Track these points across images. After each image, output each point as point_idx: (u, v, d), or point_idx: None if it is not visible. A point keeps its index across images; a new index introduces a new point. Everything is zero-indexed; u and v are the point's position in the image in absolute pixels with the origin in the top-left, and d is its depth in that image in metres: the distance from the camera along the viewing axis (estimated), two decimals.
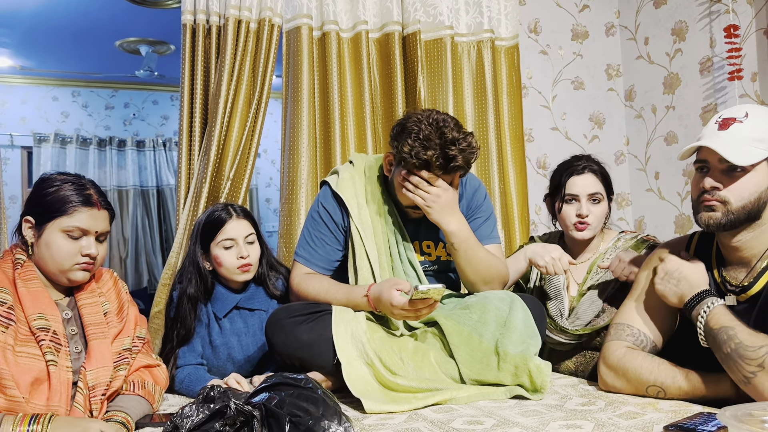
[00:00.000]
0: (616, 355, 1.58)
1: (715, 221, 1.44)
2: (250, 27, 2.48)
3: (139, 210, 5.97)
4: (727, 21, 2.71)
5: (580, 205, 2.02)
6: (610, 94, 3.32)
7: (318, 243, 1.95)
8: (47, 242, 1.46)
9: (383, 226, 1.92)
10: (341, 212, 1.94)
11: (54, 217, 1.46)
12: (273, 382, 1.26)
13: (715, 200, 1.44)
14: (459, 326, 1.74)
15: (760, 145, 1.41)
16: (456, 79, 2.78)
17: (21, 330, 1.38)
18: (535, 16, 3.19)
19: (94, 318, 1.52)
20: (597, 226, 2.04)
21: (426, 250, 1.97)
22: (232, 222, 1.96)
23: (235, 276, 1.96)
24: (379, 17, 2.74)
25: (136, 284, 5.81)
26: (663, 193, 3.11)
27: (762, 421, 0.98)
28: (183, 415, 1.16)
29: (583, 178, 2.04)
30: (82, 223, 1.48)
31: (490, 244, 1.95)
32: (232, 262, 1.94)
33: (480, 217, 1.97)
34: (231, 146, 2.41)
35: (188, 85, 2.44)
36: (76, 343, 1.47)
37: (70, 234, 1.47)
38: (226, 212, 1.98)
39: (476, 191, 2.00)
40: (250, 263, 1.96)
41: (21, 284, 1.43)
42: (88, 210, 1.49)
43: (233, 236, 1.95)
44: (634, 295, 1.68)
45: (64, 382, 1.38)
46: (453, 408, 1.55)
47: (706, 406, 1.42)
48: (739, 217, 1.43)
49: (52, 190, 1.48)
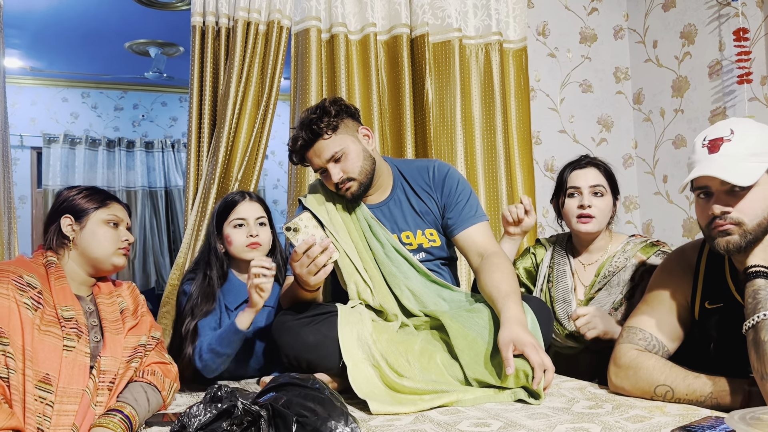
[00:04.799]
0: (628, 356, 1.58)
1: (735, 245, 1.41)
2: (259, 29, 2.49)
3: (148, 211, 6.00)
4: (737, 24, 2.70)
5: (582, 198, 2.00)
6: (618, 97, 3.31)
7: None
8: (93, 231, 1.66)
9: (356, 224, 1.96)
10: None
11: (93, 210, 1.68)
12: (280, 383, 1.26)
13: (729, 224, 1.41)
14: (464, 330, 1.73)
15: (756, 159, 1.39)
16: (464, 82, 2.78)
17: (48, 312, 1.49)
18: (543, 18, 3.19)
19: (111, 315, 1.64)
20: (601, 221, 2.01)
21: (406, 241, 1.98)
22: (245, 203, 2.06)
23: (244, 254, 2.01)
24: (387, 19, 2.74)
25: (144, 285, 5.83)
26: (671, 196, 3.10)
27: None
28: (190, 415, 1.17)
29: (584, 171, 2.04)
30: (119, 212, 1.72)
31: (476, 223, 1.94)
32: (241, 240, 2.02)
33: (461, 201, 1.96)
34: (239, 148, 2.42)
35: (197, 87, 2.46)
36: (96, 333, 1.58)
37: (110, 223, 1.69)
38: (239, 195, 2.09)
39: (447, 176, 1.99)
40: (259, 242, 2.02)
41: (53, 280, 1.57)
42: (118, 204, 1.74)
43: (244, 216, 2.03)
44: (647, 300, 1.67)
45: (81, 365, 1.47)
46: (459, 410, 1.55)
47: (715, 411, 1.41)
48: (757, 235, 1.40)
49: (85, 191, 1.71)
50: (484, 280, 1.81)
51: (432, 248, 1.99)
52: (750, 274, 1.40)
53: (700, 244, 1.65)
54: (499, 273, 1.79)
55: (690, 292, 1.61)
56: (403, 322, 1.87)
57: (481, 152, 2.80)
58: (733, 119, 1.48)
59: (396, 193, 2.01)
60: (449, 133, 2.74)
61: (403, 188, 2.01)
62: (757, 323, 1.34)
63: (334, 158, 1.86)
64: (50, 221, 1.69)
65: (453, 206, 1.96)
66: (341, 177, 1.87)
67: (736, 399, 1.41)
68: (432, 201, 1.99)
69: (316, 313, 1.80)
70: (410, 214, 1.99)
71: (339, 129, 1.88)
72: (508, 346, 1.57)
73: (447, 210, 1.97)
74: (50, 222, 1.69)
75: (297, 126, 1.91)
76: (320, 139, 1.86)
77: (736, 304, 1.49)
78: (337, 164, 1.87)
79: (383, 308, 1.88)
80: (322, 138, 1.86)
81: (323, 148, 1.87)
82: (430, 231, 1.99)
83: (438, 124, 2.74)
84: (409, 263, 1.92)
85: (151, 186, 6.07)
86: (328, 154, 1.86)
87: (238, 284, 2.05)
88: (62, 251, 1.65)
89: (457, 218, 1.95)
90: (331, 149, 1.86)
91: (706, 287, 1.59)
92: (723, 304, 1.54)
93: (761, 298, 1.35)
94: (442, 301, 1.90)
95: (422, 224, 1.99)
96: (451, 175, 2.00)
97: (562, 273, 2.09)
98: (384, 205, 2.00)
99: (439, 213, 1.99)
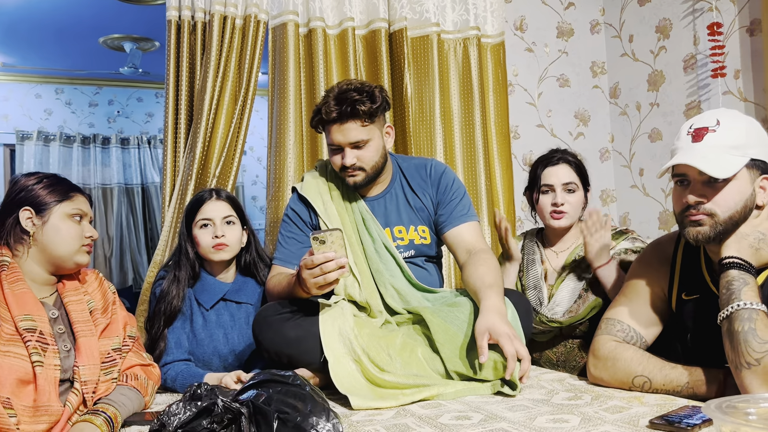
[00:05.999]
0: (606, 347, 1.60)
1: (704, 235, 1.43)
2: (236, 23, 2.46)
3: (124, 208, 5.93)
4: (711, 19, 2.73)
5: (555, 195, 2.07)
6: (595, 92, 3.34)
7: (290, 242, 1.99)
8: (56, 227, 1.52)
9: (350, 216, 1.96)
10: (308, 212, 2.00)
11: (56, 203, 1.54)
12: (261, 379, 1.25)
13: (701, 214, 1.42)
14: (445, 324, 1.74)
15: (737, 152, 1.41)
16: (442, 77, 2.79)
17: (6, 329, 1.38)
18: (520, 13, 3.20)
19: (80, 315, 1.53)
20: (573, 215, 2.09)
21: (398, 235, 1.99)
22: (210, 203, 2.01)
23: (211, 255, 1.98)
24: (365, 14, 2.73)
25: (121, 283, 5.76)
26: (647, 189, 3.13)
27: (746, 414, 0.99)
28: (170, 413, 1.16)
29: (557, 168, 2.09)
30: (83, 206, 1.58)
31: (467, 222, 1.97)
32: (207, 241, 1.98)
33: (454, 199, 1.99)
34: (217, 143, 2.40)
35: (173, 82, 2.43)
36: (64, 341, 1.47)
37: (75, 217, 1.55)
38: (207, 193, 2.04)
39: (442, 175, 2.02)
40: (225, 243, 1.98)
41: (6, 286, 1.44)
42: (82, 196, 1.60)
43: (210, 216, 1.99)
44: (625, 291, 1.69)
45: (51, 381, 1.38)
46: (440, 403, 1.56)
47: (692, 400, 1.43)
48: (727, 227, 1.42)
49: (46, 181, 1.56)
50: (468, 273, 1.83)
51: (422, 245, 2.00)
52: (724, 265, 1.42)
53: (677, 236, 1.67)
54: (484, 266, 1.81)
55: (667, 283, 1.63)
56: (387, 320, 1.87)
57: (460, 147, 2.81)
58: (722, 110, 1.50)
59: (393, 187, 2.03)
60: (428, 127, 2.74)
61: (401, 183, 2.04)
62: (731, 314, 1.36)
63: (357, 144, 1.87)
64: (6, 213, 1.52)
65: (446, 204, 1.99)
66: (354, 163, 1.88)
67: (711, 388, 1.43)
68: (427, 197, 2.01)
69: (297, 308, 1.79)
70: (405, 209, 2.00)
71: (375, 120, 1.89)
72: (484, 335, 1.58)
73: (440, 207, 2.00)
74: (6, 214, 1.52)
75: (335, 96, 1.85)
76: (356, 120, 1.85)
77: (711, 295, 1.51)
78: (355, 150, 1.88)
79: (368, 304, 1.87)
80: (357, 120, 1.85)
81: (352, 130, 1.85)
82: (423, 228, 2.00)
83: (417, 119, 2.74)
84: (397, 263, 1.93)
85: (127, 183, 6.00)
86: (355, 138, 1.86)
87: (212, 283, 2.02)
88: (20, 248, 1.51)
89: (449, 215, 1.97)
90: (360, 136, 1.86)
91: (682, 278, 1.61)
92: (699, 295, 1.56)
93: (735, 288, 1.38)
94: (426, 302, 1.91)
95: (416, 220, 2.00)
96: (447, 174, 2.04)
97: (532, 261, 2.14)
98: (380, 198, 2.01)
99: (433, 210, 2.01)
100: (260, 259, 2.09)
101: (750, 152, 1.42)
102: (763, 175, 1.45)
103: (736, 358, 1.33)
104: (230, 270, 2.07)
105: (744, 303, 1.35)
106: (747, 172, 1.42)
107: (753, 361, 1.30)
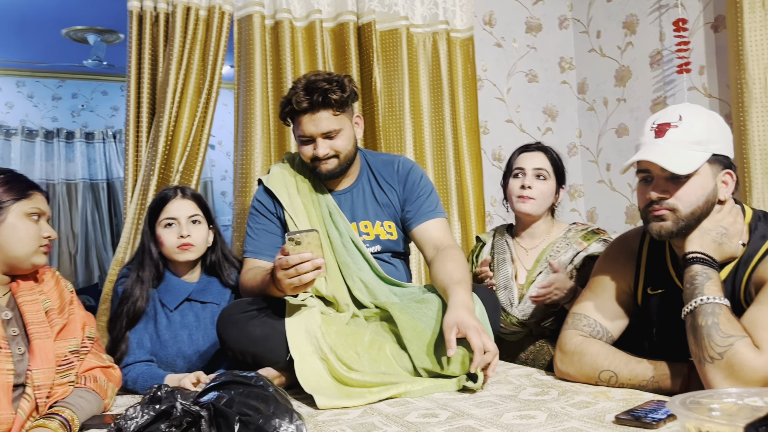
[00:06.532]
0: (573, 342, 1.60)
1: (666, 230, 1.44)
2: (200, 14, 2.41)
3: (89, 204, 5.80)
4: (676, 15, 2.76)
5: (524, 178, 2.05)
6: (563, 87, 3.35)
7: (260, 233, 1.97)
8: (13, 226, 1.46)
9: (316, 209, 1.95)
10: (274, 204, 1.98)
11: (13, 201, 1.48)
12: (222, 381, 1.22)
13: (664, 209, 1.43)
14: (413, 321, 1.73)
15: (699, 147, 1.41)
16: (412, 71, 2.77)
17: None
18: (489, 8, 3.20)
19: (35, 317, 1.47)
20: (541, 203, 2.06)
21: (364, 230, 1.98)
22: (175, 201, 1.95)
23: (176, 255, 1.93)
24: (333, 6, 2.70)
25: (87, 281, 5.64)
26: (614, 184, 3.16)
27: (710, 409, 0.99)
28: (127, 417, 1.12)
29: (532, 154, 2.10)
30: (41, 204, 1.52)
31: (435, 218, 1.97)
32: (171, 241, 1.92)
33: (422, 195, 1.99)
34: (180, 137, 2.34)
35: (135, 75, 2.37)
36: (18, 344, 1.41)
37: (33, 216, 1.49)
38: (171, 192, 1.98)
39: (410, 171, 2.03)
40: (190, 243, 1.92)
41: None
42: (40, 194, 1.54)
43: (174, 215, 1.93)
44: (591, 286, 1.70)
45: (4, 386, 1.33)
46: (408, 401, 1.54)
47: (657, 395, 1.44)
48: (690, 222, 1.43)
49: (2, 178, 1.50)
50: (436, 269, 1.82)
51: (389, 241, 1.99)
52: (688, 260, 1.43)
53: (642, 231, 1.68)
54: (452, 263, 1.81)
55: (632, 278, 1.64)
56: (354, 313, 1.85)
57: (429, 142, 2.79)
58: (685, 105, 1.51)
59: (361, 181, 2.02)
60: (398, 122, 2.72)
61: (368, 178, 2.03)
62: (694, 308, 1.37)
63: (329, 134, 1.86)
64: None
65: (414, 200, 1.98)
66: (327, 153, 1.87)
67: (676, 382, 1.44)
68: (394, 194, 2.00)
69: (263, 305, 1.76)
70: (371, 204, 1.99)
71: (346, 110, 1.90)
72: (452, 328, 1.58)
73: (407, 203, 1.99)
74: None
75: (304, 86, 1.84)
76: (327, 109, 1.84)
77: (676, 289, 1.52)
78: (327, 140, 1.87)
79: (335, 298, 1.85)
80: (329, 109, 1.84)
81: (324, 120, 1.85)
82: (389, 223, 1.99)
83: (386, 113, 2.72)
84: (364, 257, 1.91)
85: (92, 178, 5.87)
86: (327, 128, 1.86)
87: (176, 283, 1.97)
88: None
89: (417, 212, 1.97)
90: (332, 125, 1.86)
91: (648, 273, 1.62)
92: (664, 289, 1.57)
93: (698, 283, 1.38)
94: (393, 296, 1.90)
95: (382, 215, 1.99)
96: (415, 170, 2.03)
97: (502, 261, 2.12)
98: (347, 192, 2.00)
99: (400, 206, 2.00)
100: (225, 259, 2.04)
101: (712, 147, 1.43)
102: (725, 170, 1.46)
103: (700, 353, 1.34)
104: (195, 270, 2.02)
105: (707, 297, 1.36)
106: (709, 168, 1.43)
107: (716, 355, 1.31)
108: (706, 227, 1.45)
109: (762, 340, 1.29)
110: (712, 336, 1.32)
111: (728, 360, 1.29)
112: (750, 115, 2.38)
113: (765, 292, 1.36)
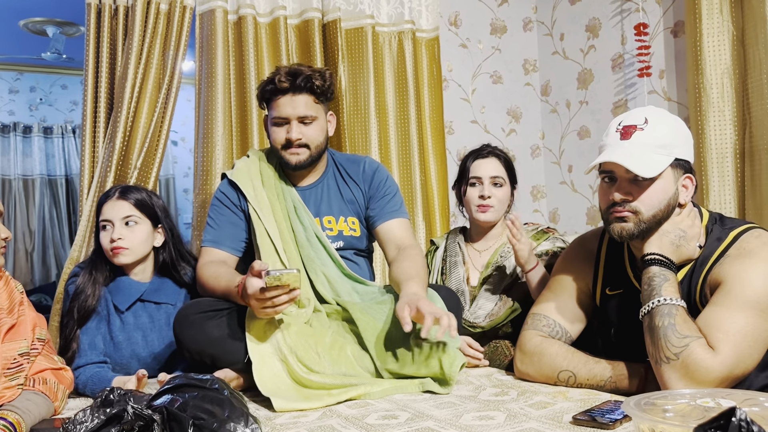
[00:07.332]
0: (532, 342, 1.61)
1: (628, 232, 1.45)
2: (161, 8, 2.36)
3: (47, 200, 5.66)
4: (638, 19, 2.80)
5: (483, 188, 2.07)
6: (527, 89, 3.37)
7: (222, 223, 1.95)
8: None
9: (281, 203, 1.94)
10: (238, 197, 1.96)
11: None
12: (176, 384, 1.19)
13: (626, 211, 1.45)
14: (374, 321, 1.72)
15: (663, 151, 1.43)
16: (377, 70, 2.76)
17: None
18: (455, 9, 3.20)
19: None
20: (499, 210, 2.10)
21: (327, 226, 1.97)
22: (110, 202, 1.90)
23: (111, 258, 1.89)
24: (298, 3, 2.67)
25: (44, 279, 5.51)
26: (576, 185, 3.19)
27: (663, 410, 1.00)
28: (75, 421, 1.08)
29: (486, 161, 2.11)
30: None
31: (398, 218, 1.98)
32: (105, 244, 1.88)
33: (387, 195, 2.00)
34: (139, 133, 2.29)
35: (93, 69, 2.32)
36: None
37: None
38: (111, 192, 1.93)
39: (376, 171, 2.04)
40: (122, 246, 1.86)
41: None
42: None
43: (108, 217, 1.89)
44: (551, 287, 1.71)
45: None
46: (368, 403, 1.53)
47: (615, 395, 1.46)
48: (651, 225, 1.45)
49: None
50: (394, 268, 1.84)
51: (352, 237, 1.99)
52: (646, 261, 1.45)
53: (601, 232, 1.69)
54: (409, 261, 1.82)
55: (591, 278, 1.66)
56: (316, 308, 1.83)
57: (395, 141, 2.79)
58: (650, 108, 1.52)
59: (327, 177, 2.02)
60: (363, 121, 2.71)
61: (334, 175, 2.03)
62: (651, 309, 1.39)
63: (304, 119, 1.87)
64: None
65: (378, 199, 1.99)
66: (299, 139, 1.87)
67: (633, 383, 1.46)
68: (359, 191, 2.01)
69: (220, 307, 1.73)
70: (336, 200, 2.00)
71: (323, 102, 1.94)
72: (403, 307, 1.57)
73: (372, 201, 2.00)
74: None
75: (287, 71, 1.87)
76: (309, 94, 1.87)
77: (634, 290, 1.54)
78: (302, 125, 1.88)
79: None
80: (310, 95, 1.87)
81: (303, 104, 1.87)
82: (353, 219, 2.00)
83: (351, 112, 2.71)
84: (327, 252, 1.91)
85: (50, 174, 5.73)
86: (303, 112, 1.87)
87: (127, 283, 1.92)
88: None
89: (380, 210, 1.98)
90: (309, 111, 1.88)
91: (606, 274, 1.64)
92: (622, 290, 1.59)
93: (656, 285, 1.40)
94: (356, 294, 1.89)
95: (346, 211, 1.99)
96: (381, 171, 2.05)
97: (454, 264, 2.14)
98: (313, 188, 2.00)
99: (364, 204, 2.01)
100: (181, 258, 2.00)
101: (675, 152, 1.45)
102: (685, 174, 1.48)
103: (656, 353, 1.36)
104: (146, 270, 1.96)
105: (664, 299, 1.37)
106: (671, 172, 1.45)
107: (672, 355, 1.33)
108: (666, 229, 1.47)
109: (717, 341, 1.32)
110: (669, 336, 1.34)
111: (683, 360, 1.31)
112: (707, 119, 2.42)
113: (720, 293, 1.38)
